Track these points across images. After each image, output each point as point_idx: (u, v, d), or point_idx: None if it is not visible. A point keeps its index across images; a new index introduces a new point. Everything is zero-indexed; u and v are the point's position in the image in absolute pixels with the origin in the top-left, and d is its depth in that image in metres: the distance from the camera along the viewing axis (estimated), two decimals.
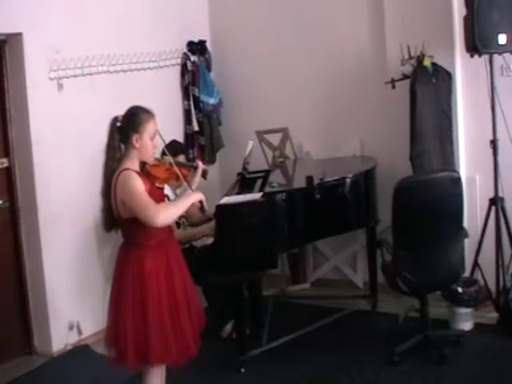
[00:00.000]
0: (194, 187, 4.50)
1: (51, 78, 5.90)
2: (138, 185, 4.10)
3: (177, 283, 4.31)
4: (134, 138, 4.19)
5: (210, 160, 7.35)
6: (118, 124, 4.27)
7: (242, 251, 5.36)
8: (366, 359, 5.46)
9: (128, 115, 4.28)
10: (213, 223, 5.50)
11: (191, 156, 7.06)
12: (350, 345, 5.74)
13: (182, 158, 5.92)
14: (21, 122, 5.84)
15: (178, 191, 5.69)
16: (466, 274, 5.73)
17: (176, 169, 4.46)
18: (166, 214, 4.11)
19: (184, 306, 4.33)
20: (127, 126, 4.23)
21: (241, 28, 7.33)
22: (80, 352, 6.00)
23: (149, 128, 4.24)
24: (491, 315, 5.88)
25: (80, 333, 6.19)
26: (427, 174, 5.49)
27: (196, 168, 4.71)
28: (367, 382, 5.17)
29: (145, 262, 4.19)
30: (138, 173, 4.20)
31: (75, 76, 6.06)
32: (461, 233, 5.36)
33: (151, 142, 4.26)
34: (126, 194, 4.10)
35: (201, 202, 4.33)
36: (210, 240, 5.57)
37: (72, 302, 6.14)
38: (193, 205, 4.34)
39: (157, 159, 4.52)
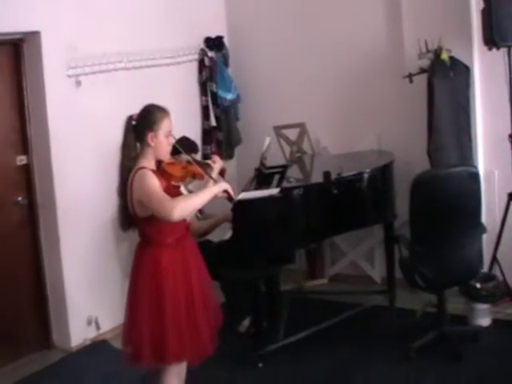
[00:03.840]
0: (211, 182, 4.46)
1: (69, 76, 5.93)
2: (154, 182, 4.10)
3: (194, 281, 4.30)
4: (150, 136, 4.19)
5: (227, 155, 7.35)
6: (133, 122, 4.27)
7: (259, 246, 5.36)
8: (382, 355, 5.46)
9: (143, 114, 4.27)
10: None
11: (209, 152, 7.07)
12: (366, 340, 5.74)
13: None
14: (39, 119, 5.88)
15: (190, 187, 5.69)
16: (485, 269, 5.70)
17: (195, 167, 4.48)
18: (182, 207, 4.06)
19: (201, 305, 4.32)
20: (142, 125, 4.23)
21: (258, 23, 7.32)
22: (98, 347, 6.04)
23: (164, 126, 4.23)
24: (510, 311, 5.86)
25: (98, 328, 6.22)
26: (445, 169, 5.45)
27: (211, 166, 4.69)
28: (383, 377, 5.17)
29: (161, 260, 4.19)
30: (153, 171, 4.20)
31: (93, 73, 6.09)
32: (479, 228, 5.32)
33: (166, 140, 4.26)
34: (143, 192, 4.10)
35: (226, 191, 4.30)
36: (227, 235, 5.56)
37: (90, 298, 6.17)
38: (216, 197, 4.30)
39: (173, 157, 4.52)
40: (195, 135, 6.80)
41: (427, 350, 5.34)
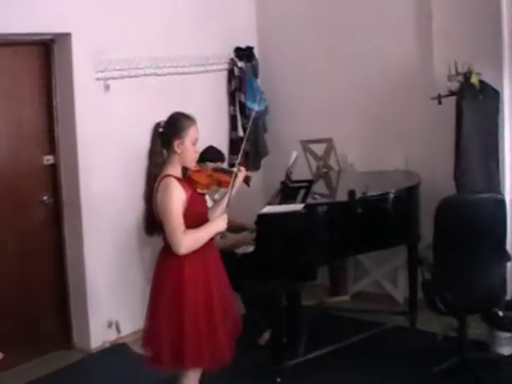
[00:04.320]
0: (233, 193, 4.50)
1: (98, 79, 5.96)
2: (175, 201, 4.16)
3: (214, 289, 4.33)
4: (176, 143, 4.24)
5: (254, 167, 7.30)
6: (161, 130, 4.31)
7: (281, 262, 5.32)
8: (401, 377, 5.38)
9: (170, 121, 4.33)
10: (253, 233, 5.51)
11: (235, 162, 7.03)
12: (386, 361, 5.66)
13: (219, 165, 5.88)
14: (67, 120, 5.92)
15: (216, 196, 5.67)
16: (508, 297, 5.60)
17: (220, 175, 4.49)
18: (190, 245, 4.19)
19: (220, 313, 4.34)
20: (169, 132, 4.27)
21: (288, 35, 7.29)
22: (118, 350, 6.07)
23: (191, 134, 4.28)
24: None
25: (119, 331, 6.25)
26: (471, 195, 5.37)
27: (237, 174, 4.65)
28: None
29: (183, 268, 4.23)
30: (179, 179, 4.23)
31: (122, 78, 6.11)
32: (504, 255, 5.22)
33: (193, 148, 4.31)
34: (162, 206, 4.17)
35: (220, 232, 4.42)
36: (250, 248, 5.55)
37: (112, 300, 6.19)
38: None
39: (199, 165, 4.51)
40: (222, 145, 6.77)
41: (447, 376, 5.25)
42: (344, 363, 5.64)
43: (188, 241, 4.16)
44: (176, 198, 4.15)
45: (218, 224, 4.34)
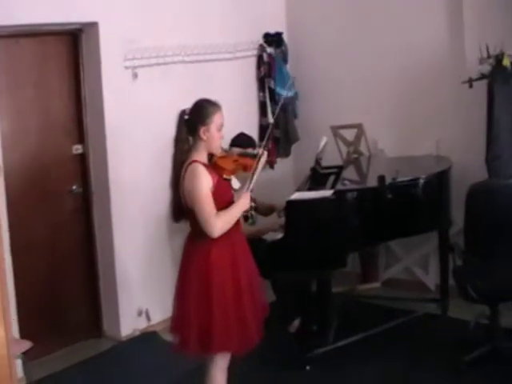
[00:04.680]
0: (255, 177, 4.49)
1: (126, 67, 5.96)
2: (204, 186, 4.17)
3: (241, 274, 4.34)
4: (202, 130, 4.26)
5: (284, 153, 7.33)
6: (186, 117, 4.34)
7: (310, 248, 5.29)
8: (431, 365, 5.34)
9: (195, 108, 4.35)
10: (282, 219, 5.47)
11: (261, 146, 7.01)
12: (416, 349, 5.62)
13: (249, 151, 5.83)
14: (95, 109, 5.92)
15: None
16: None
17: (245, 160, 4.48)
18: (222, 226, 4.21)
19: (248, 297, 4.36)
20: (195, 119, 4.30)
21: (318, 20, 7.23)
22: (148, 338, 6.08)
23: (216, 120, 4.29)
24: None
25: (149, 319, 6.26)
26: (502, 180, 5.31)
27: (260, 157, 4.61)
28: None
29: (210, 253, 4.25)
30: (205, 165, 4.25)
31: (150, 65, 6.10)
32: None
33: (218, 134, 4.32)
34: (191, 194, 4.19)
35: (247, 211, 4.42)
36: (279, 235, 5.51)
37: (142, 289, 6.21)
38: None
39: (224, 150, 4.50)
40: (252, 131, 6.73)
41: (478, 364, 5.19)
42: (374, 351, 5.61)
43: (220, 223, 4.18)
44: (204, 182, 4.17)
45: (242, 203, 4.35)
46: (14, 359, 2.97)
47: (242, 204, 4.35)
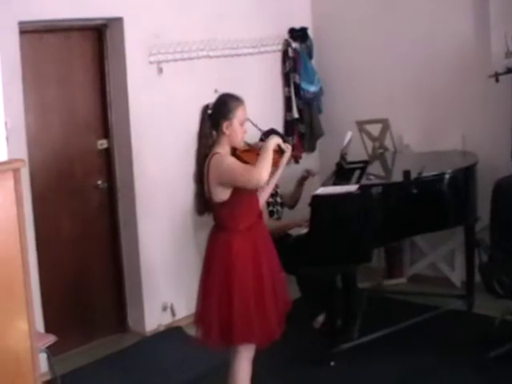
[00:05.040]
0: (279, 172, 4.56)
1: (151, 62, 5.97)
2: (232, 160, 4.26)
3: (263, 267, 4.37)
4: (225, 124, 4.30)
5: (309, 148, 7.32)
6: (209, 112, 4.37)
7: (335, 243, 5.29)
8: (456, 361, 5.30)
9: (218, 103, 4.39)
10: (307, 215, 5.46)
11: (290, 143, 7.00)
12: (441, 345, 5.59)
13: None
14: (120, 104, 5.94)
15: None
16: None
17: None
18: (264, 168, 4.19)
19: (269, 290, 4.38)
20: (218, 114, 4.33)
21: (343, 16, 7.19)
22: (172, 333, 6.10)
23: (238, 115, 4.33)
24: None
25: (173, 314, 6.27)
26: None
27: (284, 151, 4.62)
28: None
29: (233, 246, 4.30)
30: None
31: (175, 60, 6.10)
32: None
33: (241, 128, 4.35)
34: (223, 172, 4.23)
35: (278, 145, 4.36)
36: (304, 230, 5.50)
37: (166, 284, 6.22)
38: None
39: (247, 144, 4.50)
40: (277, 126, 6.70)
41: (504, 361, 5.15)
42: (399, 347, 5.58)
43: (260, 167, 4.18)
44: (232, 159, 4.26)
45: (268, 146, 4.30)
46: (37, 353, 2.97)
47: (269, 144, 4.31)
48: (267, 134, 4.86)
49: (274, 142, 4.33)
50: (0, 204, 2.74)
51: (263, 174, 4.18)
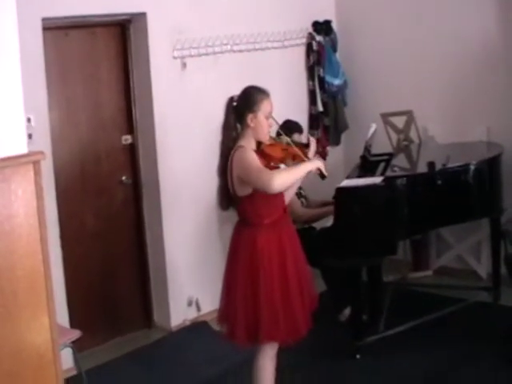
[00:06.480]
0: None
1: (175, 57, 5.97)
2: (253, 157, 4.17)
3: (289, 263, 4.31)
4: (250, 117, 4.24)
5: (334, 141, 7.30)
6: (234, 104, 4.31)
7: (360, 236, 5.27)
8: (482, 354, 5.28)
9: (243, 95, 4.33)
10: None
11: (315, 137, 6.98)
12: (467, 338, 5.56)
13: (296, 137, 5.79)
14: (145, 99, 5.95)
15: None
16: None
17: (295, 148, 4.41)
18: (281, 178, 4.10)
19: (295, 286, 4.32)
20: (243, 106, 4.27)
21: (367, 8, 7.17)
22: (198, 328, 6.10)
23: (264, 107, 4.26)
24: None
25: (199, 309, 6.28)
26: None
27: (309, 146, 4.58)
28: (482, 379, 4.99)
29: (257, 241, 4.23)
30: (253, 151, 4.24)
31: (199, 55, 6.10)
32: None
33: (266, 121, 4.29)
34: (242, 167, 4.16)
35: (319, 168, 4.26)
36: (329, 222, 5.48)
37: (192, 279, 6.23)
38: (309, 173, 4.30)
39: (273, 138, 4.48)
40: (302, 120, 6.69)
41: None
42: (424, 340, 5.56)
43: (278, 175, 4.10)
44: (253, 156, 4.16)
45: (306, 164, 4.26)
46: (58, 346, 2.96)
47: (309, 163, 4.26)
48: (282, 126, 4.87)
49: (315, 165, 4.26)
50: (20, 196, 2.72)
51: (275, 182, 4.06)
